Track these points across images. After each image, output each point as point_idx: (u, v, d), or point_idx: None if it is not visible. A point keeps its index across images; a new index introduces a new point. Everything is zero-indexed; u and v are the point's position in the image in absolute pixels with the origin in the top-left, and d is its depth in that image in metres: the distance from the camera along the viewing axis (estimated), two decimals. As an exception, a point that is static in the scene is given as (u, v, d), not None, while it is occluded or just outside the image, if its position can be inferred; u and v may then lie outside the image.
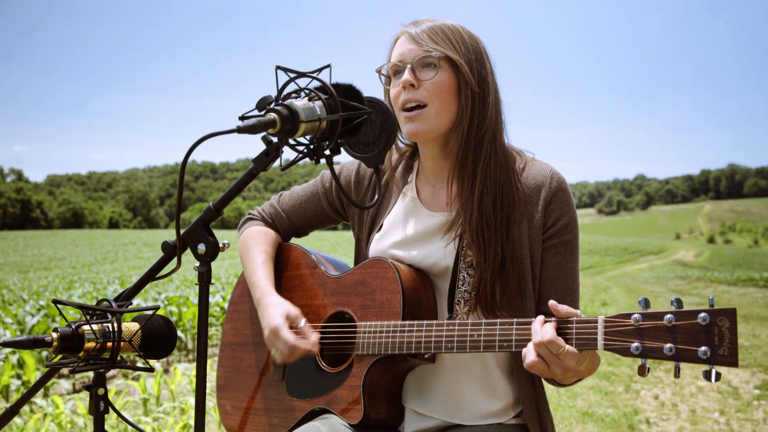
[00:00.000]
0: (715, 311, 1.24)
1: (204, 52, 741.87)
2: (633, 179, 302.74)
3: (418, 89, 1.64)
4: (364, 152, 1.43)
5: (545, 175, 1.68)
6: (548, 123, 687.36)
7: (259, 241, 1.95)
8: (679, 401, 6.49)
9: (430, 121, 1.65)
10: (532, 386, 1.68)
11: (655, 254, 71.15)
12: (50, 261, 41.09)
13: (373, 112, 1.38)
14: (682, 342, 1.26)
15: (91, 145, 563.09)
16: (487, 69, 1.69)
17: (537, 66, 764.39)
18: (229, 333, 2.03)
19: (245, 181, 1.32)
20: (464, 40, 1.67)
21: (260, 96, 1.25)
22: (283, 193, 2.05)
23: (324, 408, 1.73)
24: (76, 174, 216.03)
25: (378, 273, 1.69)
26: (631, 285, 25.80)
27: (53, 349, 1.27)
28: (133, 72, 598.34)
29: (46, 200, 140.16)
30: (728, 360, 1.21)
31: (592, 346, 1.37)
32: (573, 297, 1.68)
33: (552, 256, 1.67)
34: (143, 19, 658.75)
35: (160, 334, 1.39)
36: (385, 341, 1.62)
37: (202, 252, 1.34)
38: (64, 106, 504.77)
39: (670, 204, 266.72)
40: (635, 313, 1.31)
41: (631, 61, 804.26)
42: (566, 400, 6.35)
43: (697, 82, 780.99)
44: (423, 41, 1.65)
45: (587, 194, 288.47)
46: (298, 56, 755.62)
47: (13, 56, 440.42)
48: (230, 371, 1.99)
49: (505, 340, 1.48)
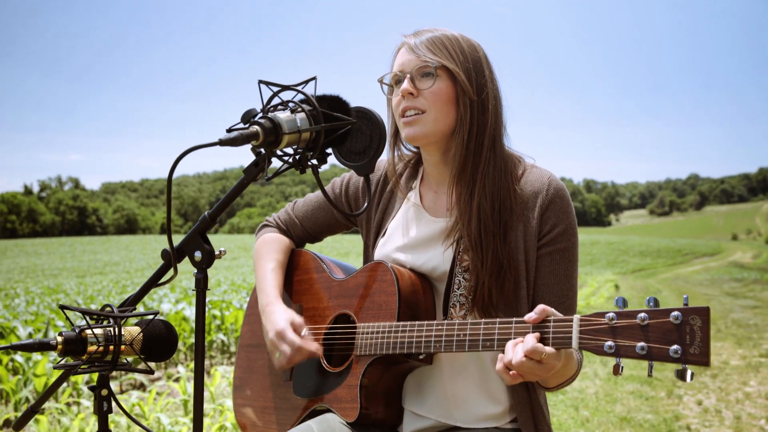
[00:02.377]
0: (687, 309, 1.24)
1: (254, 56, 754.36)
2: (686, 179, 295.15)
3: (417, 98, 1.68)
4: (355, 161, 1.47)
5: (543, 182, 1.70)
6: (595, 122, 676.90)
7: (271, 248, 2.02)
8: (723, 407, 6.33)
9: (428, 126, 1.68)
10: (525, 390, 1.69)
11: (709, 256, 69.20)
12: (105, 266, 42.38)
13: (356, 122, 1.42)
14: (654, 341, 1.26)
15: (143, 152, 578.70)
16: (485, 77, 1.71)
17: (582, 63, 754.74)
18: (246, 335, 2.11)
19: (237, 191, 1.38)
20: (462, 50, 1.70)
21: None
22: (298, 200, 2.11)
23: (325, 407, 1.78)
24: (129, 181, 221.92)
25: (377, 276, 1.74)
26: (684, 288, 25.16)
27: (58, 351, 1.34)
28: (182, 81, 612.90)
29: (101, 207, 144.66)
30: (699, 359, 1.21)
31: (567, 344, 1.38)
32: (567, 305, 1.68)
33: (547, 263, 1.68)
34: (194, 26, 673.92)
35: (160, 337, 1.45)
36: (381, 342, 1.66)
37: (198, 259, 1.40)
38: (118, 116, 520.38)
39: (725, 204, 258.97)
40: (610, 312, 1.32)
41: (682, 57, 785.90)
42: (605, 405, 6.26)
43: (753, 77, 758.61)
44: (421, 52, 1.69)
45: (638, 195, 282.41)
46: (323, 58, 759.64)
47: (72, 73, 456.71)
48: (245, 371, 2.07)
49: (487, 339, 1.50)
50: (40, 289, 21.79)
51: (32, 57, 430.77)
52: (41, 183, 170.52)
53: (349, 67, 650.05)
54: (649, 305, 1.30)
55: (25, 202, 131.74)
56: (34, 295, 18.27)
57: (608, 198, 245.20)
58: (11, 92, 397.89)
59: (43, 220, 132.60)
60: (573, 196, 44.45)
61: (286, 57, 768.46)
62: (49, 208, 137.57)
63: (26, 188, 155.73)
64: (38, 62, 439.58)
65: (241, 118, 1.27)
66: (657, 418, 5.86)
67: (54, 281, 28.70)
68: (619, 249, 68.58)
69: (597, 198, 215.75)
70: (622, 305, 1.33)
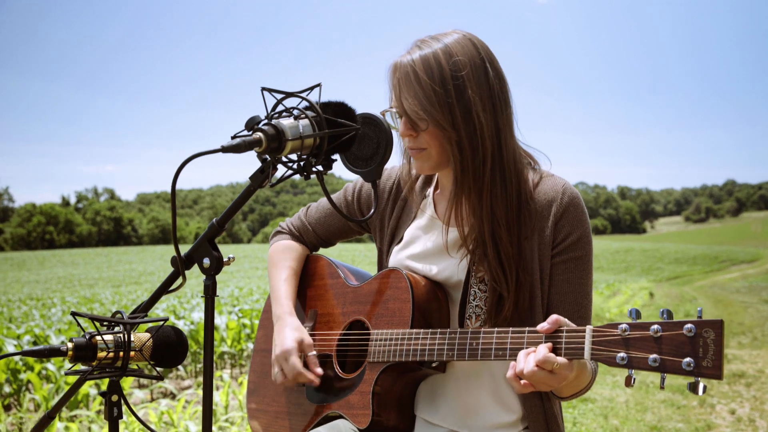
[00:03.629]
0: (701, 322, 1.22)
1: (283, 63, 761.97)
2: (722, 185, 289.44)
3: (417, 137, 1.65)
4: (362, 167, 1.47)
5: (557, 190, 1.67)
6: (629, 129, 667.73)
7: (285, 257, 2.03)
8: (757, 416, 6.17)
9: (433, 161, 1.68)
10: (539, 399, 1.67)
11: (747, 263, 67.63)
12: (140, 276, 42.99)
13: (359, 128, 1.42)
14: (667, 353, 1.24)
15: (176, 163, 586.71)
16: (472, 102, 1.57)
17: (612, 70, 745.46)
18: (260, 340, 2.13)
19: (244, 198, 1.39)
20: (442, 81, 1.56)
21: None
22: (311, 205, 2.12)
23: (337, 413, 1.78)
24: (164, 192, 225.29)
25: (392, 283, 1.74)
26: (721, 295, 24.60)
27: (68, 358, 1.36)
28: (211, 91, 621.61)
29: (136, 217, 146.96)
30: (712, 372, 1.19)
31: (579, 355, 1.36)
32: (582, 314, 1.66)
33: (561, 271, 1.66)
34: (229, 38, 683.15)
35: (170, 343, 1.46)
36: (394, 349, 1.65)
37: (207, 266, 1.41)
38: (151, 128, 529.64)
39: (764, 210, 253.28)
40: (623, 323, 1.30)
41: (718, 59, 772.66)
42: (635, 414, 6.15)
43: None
44: (401, 95, 1.62)
45: (673, 201, 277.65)
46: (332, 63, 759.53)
47: (100, 84, 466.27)
48: (260, 376, 2.08)
49: (500, 348, 1.49)
50: (76, 298, 22.18)
51: (67, 69, 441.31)
52: (78, 194, 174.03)
53: (353, 75, 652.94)
54: (663, 317, 1.28)
55: (63, 213, 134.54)
56: (70, 305, 18.61)
57: (643, 205, 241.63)
58: (48, 106, 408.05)
59: (80, 230, 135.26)
60: (607, 203, 43.87)
61: (315, 62, 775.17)
62: (86, 219, 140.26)
63: (63, 199, 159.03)
64: (74, 75, 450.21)
65: (244, 125, 1.28)
66: (689, 428, 5.74)
67: (90, 291, 29.20)
68: (654, 256, 67.48)
69: (632, 205, 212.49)
70: (635, 317, 1.32)
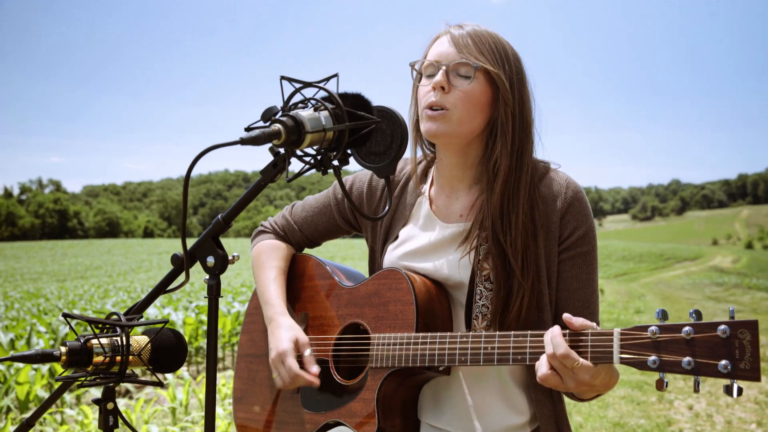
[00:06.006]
0: (735, 323, 1.19)
1: (237, 57, 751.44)
2: (668, 184, 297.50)
3: (447, 94, 1.60)
4: (375, 162, 1.40)
5: (561, 184, 1.64)
6: (578, 127, 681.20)
7: (271, 256, 1.93)
8: (714, 412, 6.33)
9: (452, 126, 1.61)
10: (550, 401, 1.63)
11: (691, 260, 69.79)
12: (86, 270, 41.86)
13: (381, 121, 1.35)
14: (702, 355, 1.21)
15: (126, 155, 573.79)
16: (526, 89, 1.65)
17: (564, 66, 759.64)
18: (245, 345, 2.02)
19: (253, 193, 1.31)
20: (508, 57, 1.63)
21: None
22: (296, 203, 2.03)
23: (337, 421, 1.70)
24: (112, 184, 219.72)
25: (391, 284, 1.67)
26: (667, 292, 25.32)
27: (62, 363, 1.26)
28: (165, 82, 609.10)
29: (83, 210, 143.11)
30: (750, 374, 1.16)
31: (608, 359, 1.31)
32: (591, 309, 1.63)
33: (569, 268, 1.62)
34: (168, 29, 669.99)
35: (169, 347, 1.37)
36: (399, 353, 1.59)
37: (211, 265, 1.32)
38: (100, 117, 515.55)
39: (706, 209, 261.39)
40: (652, 326, 1.26)
41: (665, 63, 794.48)
42: (597, 410, 6.23)
43: (735, 84, 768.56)
44: (465, 48, 1.60)
45: (621, 200, 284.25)
46: (331, 60, 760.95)
47: (49, 71, 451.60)
48: (246, 383, 1.98)
49: (519, 353, 1.44)
50: (19, 293, 21.44)
51: (11, 56, 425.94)
52: (21, 185, 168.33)
53: (357, 67, 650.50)
54: (693, 318, 1.24)
55: (5, 205, 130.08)
56: (13, 300, 17.97)
57: (592, 203, 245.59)
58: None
59: (23, 223, 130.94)
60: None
61: (288, 59, 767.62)
62: (29, 212, 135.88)
63: (6, 191, 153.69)
64: (16, 58, 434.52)
65: (261, 116, 1.20)
66: (650, 423, 5.84)
67: (34, 285, 28.28)
68: (603, 254, 68.91)
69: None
70: (662, 318, 1.28)
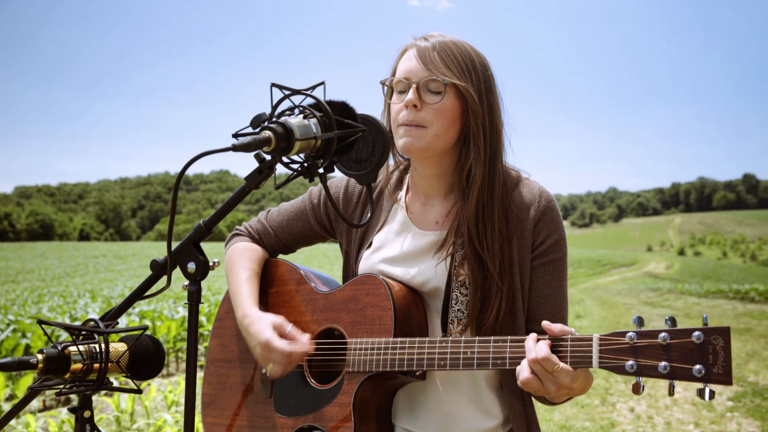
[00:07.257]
0: (709, 330, 1.26)
1: (183, 62, 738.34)
2: (605, 192, 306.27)
3: (420, 111, 1.62)
4: (357, 170, 1.42)
5: (534, 193, 1.69)
6: (518, 134, 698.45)
7: (244, 258, 1.92)
8: (654, 413, 6.55)
9: (427, 141, 1.63)
10: (522, 404, 1.68)
11: (626, 266, 72.02)
12: (18, 274, 40.33)
13: (367, 129, 1.37)
14: (677, 360, 1.27)
15: (62, 155, 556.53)
16: (494, 95, 1.67)
17: (509, 70, 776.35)
18: (215, 349, 2.00)
19: (236, 199, 1.31)
20: (475, 67, 1.65)
21: (251, 109, 1.24)
22: (272, 209, 2.02)
23: (312, 425, 1.70)
24: (46, 185, 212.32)
25: (369, 289, 1.68)
26: (604, 297, 26.03)
27: (38, 371, 1.23)
28: (102, 79, 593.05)
29: (14, 212, 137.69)
30: (722, 378, 1.23)
31: (587, 364, 1.37)
32: (562, 315, 1.68)
33: (541, 274, 1.67)
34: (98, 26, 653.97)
35: (147, 354, 1.36)
36: (377, 358, 1.61)
37: (191, 271, 1.32)
38: (31, 114, 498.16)
39: (641, 216, 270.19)
40: (630, 332, 1.32)
41: (604, 75, 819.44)
42: (543, 414, 6.37)
43: (668, 97, 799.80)
44: (432, 64, 1.62)
45: (561, 207, 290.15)
46: (294, 70, 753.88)
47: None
48: (216, 388, 1.96)
49: (499, 358, 1.48)
50: (-53, 297, 20.51)
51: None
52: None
53: (338, 74, 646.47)
54: (668, 324, 1.31)
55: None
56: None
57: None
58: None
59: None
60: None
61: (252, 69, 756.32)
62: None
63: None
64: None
65: (250, 122, 1.20)
66: (594, 425, 6.01)
67: (-38, 290, 27.09)
68: (542, 259, 70.28)
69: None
70: (639, 324, 1.34)
